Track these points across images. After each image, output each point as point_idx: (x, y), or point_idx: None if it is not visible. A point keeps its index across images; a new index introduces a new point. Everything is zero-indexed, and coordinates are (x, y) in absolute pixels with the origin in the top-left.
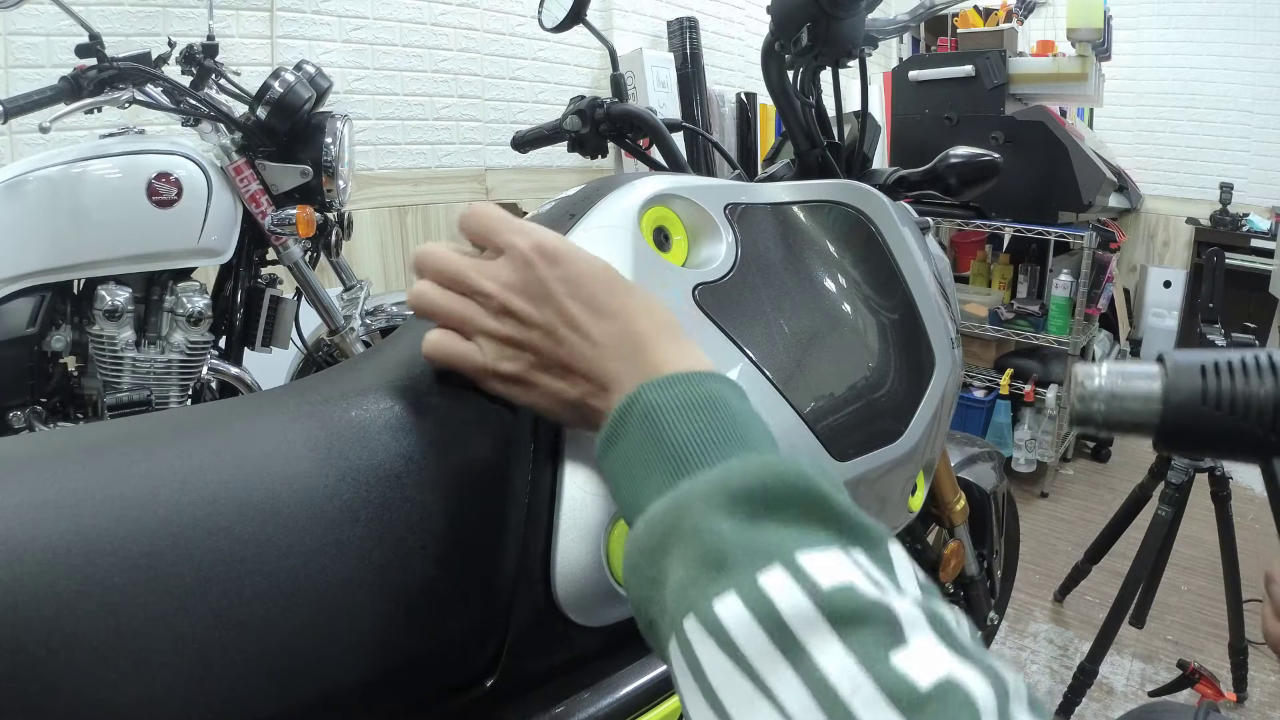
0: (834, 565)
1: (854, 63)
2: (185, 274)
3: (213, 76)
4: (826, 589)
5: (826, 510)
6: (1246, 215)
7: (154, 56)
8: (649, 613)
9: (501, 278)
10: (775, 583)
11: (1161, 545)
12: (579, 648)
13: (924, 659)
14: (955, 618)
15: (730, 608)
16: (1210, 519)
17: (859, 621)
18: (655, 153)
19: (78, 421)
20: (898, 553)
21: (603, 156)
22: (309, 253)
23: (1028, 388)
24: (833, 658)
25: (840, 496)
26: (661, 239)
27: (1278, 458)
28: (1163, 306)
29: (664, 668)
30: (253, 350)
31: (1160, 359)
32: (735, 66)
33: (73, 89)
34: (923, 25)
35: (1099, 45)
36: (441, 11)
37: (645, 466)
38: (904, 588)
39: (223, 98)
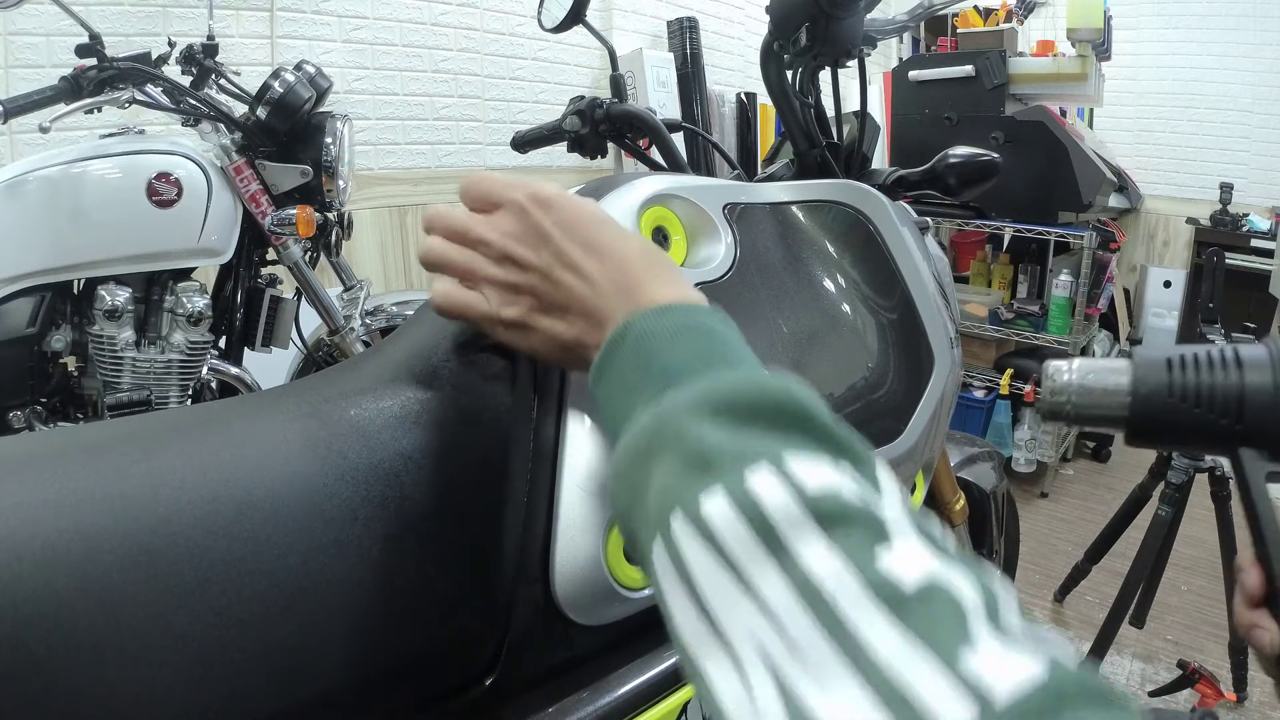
0: (821, 470)
1: (853, 63)
2: (185, 274)
3: (213, 76)
4: (813, 490)
5: (813, 425)
6: (1246, 215)
7: (154, 56)
8: (632, 523)
9: (501, 227)
10: (762, 482)
11: (1161, 545)
12: (579, 647)
13: (910, 560)
14: (942, 533)
15: (716, 505)
16: (1210, 519)
17: (845, 522)
18: (655, 153)
19: (78, 421)
20: (885, 473)
21: (602, 156)
22: (309, 253)
23: (1028, 388)
24: (818, 556)
25: (828, 415)
26: (660, 239)
27: (1245, 449)
28: (1163, 306)
29: (664, 666)
30: (253, 350)
31: (1129, 354)
32: (735, 66)
33: (73, 89)
34: (922, 25)
35: (1099, 45)
36: (441, 11)
37: (633, 387)
38: (885, 497)
39: (223, 98)
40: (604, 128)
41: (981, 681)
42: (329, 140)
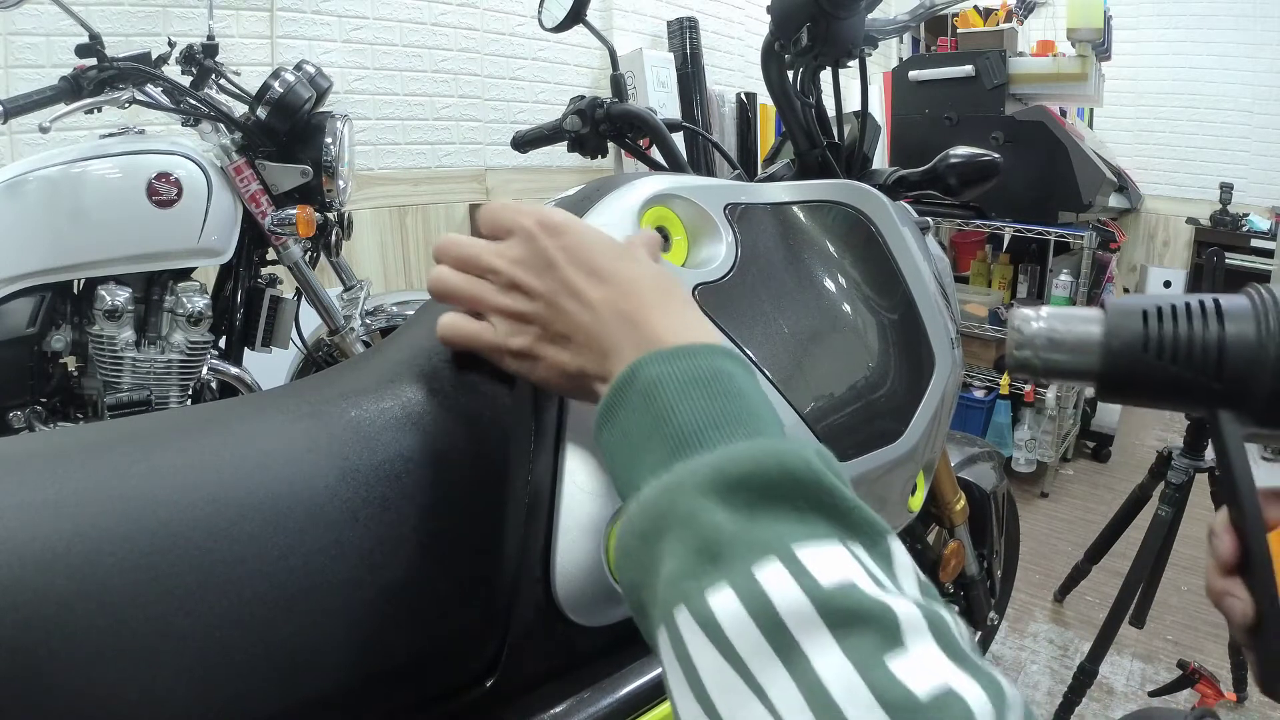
0: (833, 560)
1: (854, 63)
2: (185, 274)
3: (213, 76)
4: (826, 586)
5: (827, 501)
6: (1246, 215)
7: (154, 56)
8: (640, 597)
9: (509, 254)
10: (772, 577)
11: (1161, 545)
12: (579, 648)
13: (922, 666)
14: (955, 621)
15: (724, 601)
16: (1210, 519)
17: (857, 623)
18: (655, 153)
19: (78, 421)
20: (898, 549)
21: (603, 156)
22: (309, 253)
23: (1028, 388)
24: (828, 660)
25: (843, 487)
26: (661, 239)
27: (1223, 408)
28: None
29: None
30: (253, 350)
31: (1102, 304)
32: (735, 66)
33: (73, 89)
34: (923, 25)
35: (1099, 45)
36: (441, 11)
37: (643, 444)
38: (903, 587)
39: (223, 98)
40: (604, 128)
41: None
42: (329, 140)
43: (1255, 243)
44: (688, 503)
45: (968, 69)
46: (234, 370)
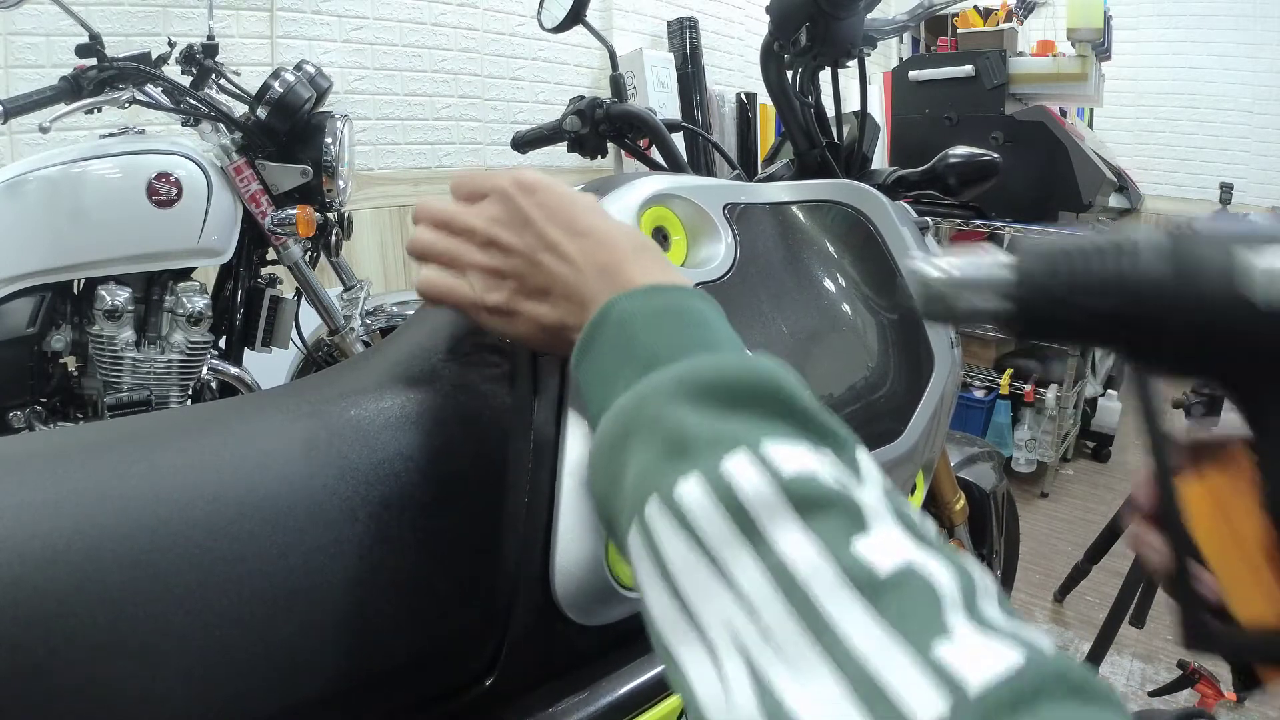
0: (799, 455)
1: (853, 63)
2: (185, 274)
3: (213, 76)
4: (789, 475)
5: (795, 409)
6: (1246, 215)
7: (154, 56)
8: (611, 508)
9: (486, 214)
10: (739, 466)
11: None
12: (579, 647)
13: (886, 545)
14: (922, 516)
15: (691, 490)
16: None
17: (822, 507)
18: (655, 153)
19: (78, 421)
20: (865, 458)
21: (602, 156)
22: (309, 253)
23: (1028, 388)
24: (792, 542)
25: (809, 398)
26: (660, 239)
27: (1138, 349)
28: None
29: (664, 667)
30: (253, 350)
31: (1014, 247)
32: (735, 66)
33: (73, 89)
34: (922, 25)
35: (1099, 45)
36: (441, 11)
37: (615, 370)
38: (865, 481)
39: (223, 98)
40: (604, 128)
41: (955, 671)
42: (329, 140)
43: None
44: (655, 406)
45: (968, 69)
46: (234, 370)
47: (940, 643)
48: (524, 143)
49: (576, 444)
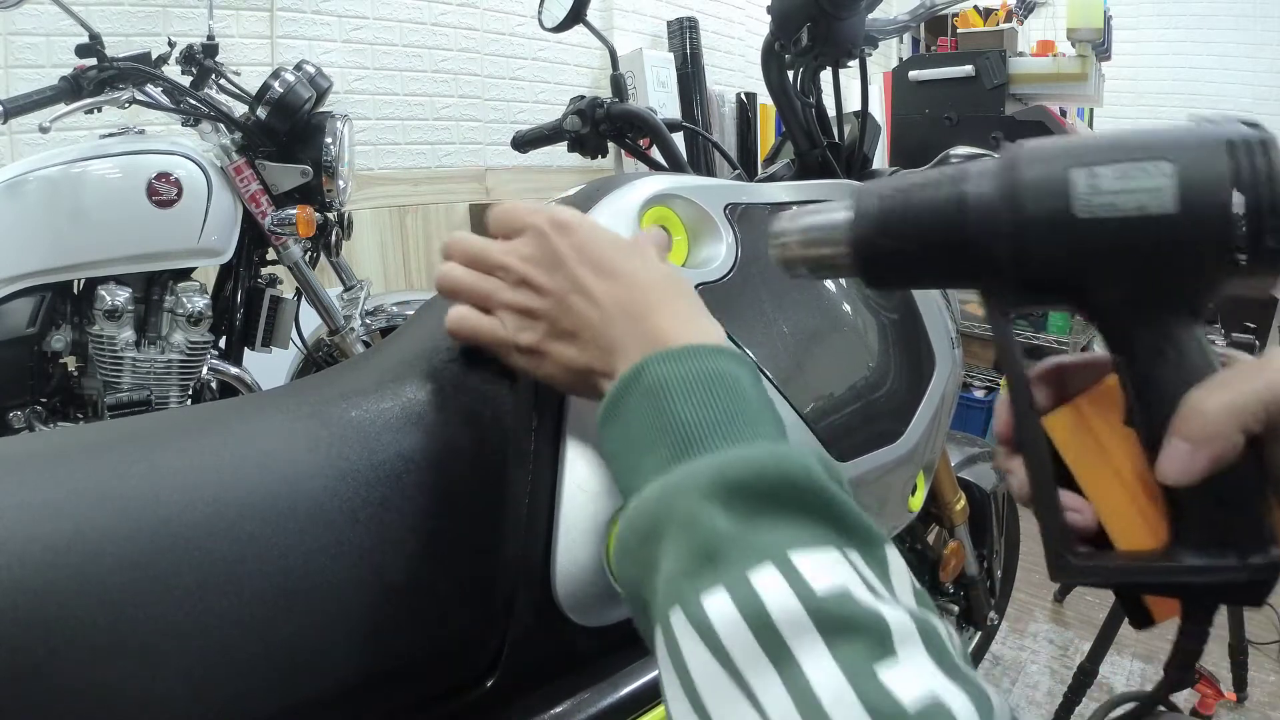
0: (828, 567)
1: (854, 63)
2: (185, 274)
3: (213, 76)
4: (820, 593)
5: (826, 508)
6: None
7: (154, 56)
8: (639, 596)
9: (520, 252)
10: (767, 582)
11: None
12: (579, 648)
13: (911, 675)
14: (948, 630)
15: (719, 605)
16: None
17: (849, 630)
18: (655, 153)
19: (78, 421)
20: (894, 556)
21: (603, 156)
22: (309, 253)
23: None
24: (819, 667)
25: (842, 494)
26: (668, 237)
27: (983, 280)
28: None
29: None
30: (253, 350)
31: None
32: (735, 66)
33: (73, 89)
34: (923, 25)
35: (1099, 45)
36: (441, 11)
37: (645, 443)
38: (898, 594)
39: (223, 98)
40: (604, 127)
41: None
42: (329, 140)
43: None
44: (688, 504)
45: (968, 69)
46: (234, 370)
47: None
48: (524, 143)
49: (578, 444)
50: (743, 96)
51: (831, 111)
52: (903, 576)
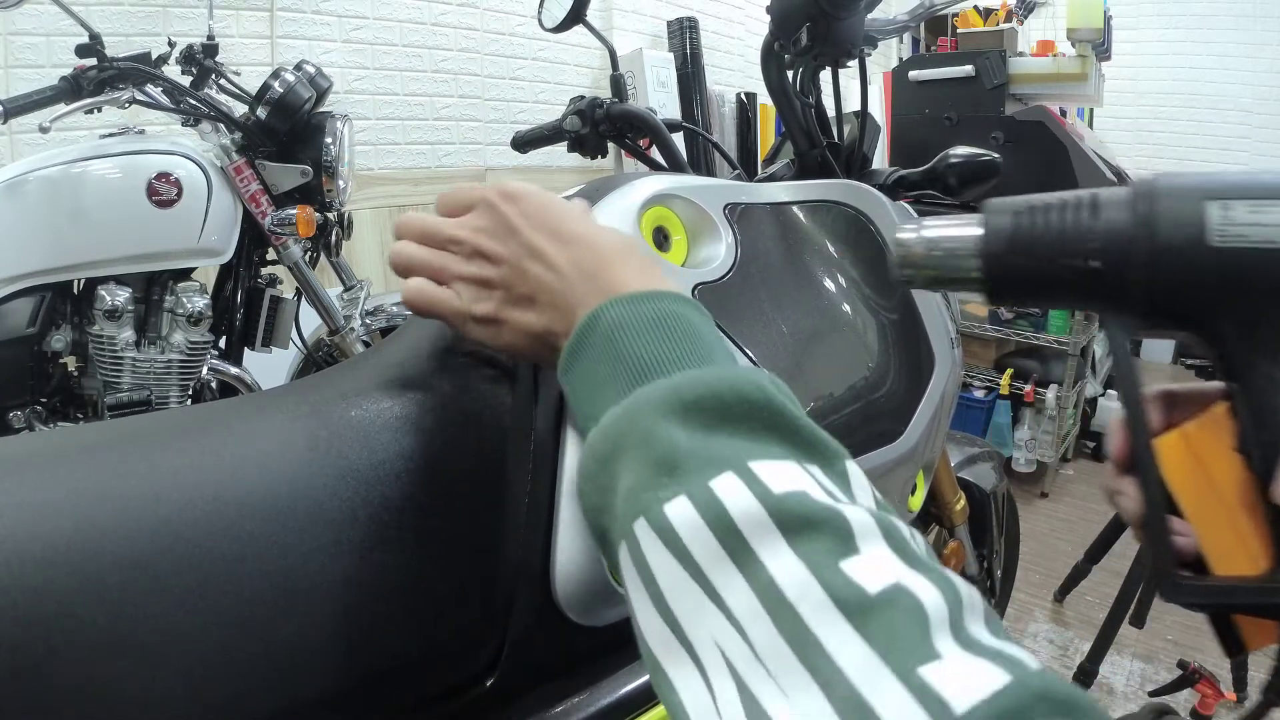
0: (787, 473)
1: (854, 63)
2: (185, 274)
3: (213, 76)
4: (778, 494)
5: (783, 424)
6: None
7: (154, 56)
8: (601, 522)
9: (471, 224)
10: (727, 487)
11: None
12: (579, 647)
13: (874, 566)
14: (911, 531)
15: (680, 510)
16: None
17: (810, 528)
18: (655, 153)
19: (78, 421)
20: (855, 470)
21: (602, 156)
22: (309, 253)
23: (1028, 388)
24: (781, 563)
25: (798, 412)
26: (661, 239)
27: (1107, 303)
28: None
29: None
30: (253, 350)
31: (983, 207)
32: (735, 66)
33: (73, 89)
34: (923, 25)
35: (1099, 45)
36: (441, 11)
37: (604, 380)
38: (859, 501)
39: (223, 98)
40: (604, 128)
41: (941, 692)
42: (329, 140)
43: None
44: (645, 423)
45: (968, 69)
46: (234, 370)
47: (927, 664)
48: (524, 143)
49: (577, 444)
50: (743, 96)
51: (831, 111)
52: (864, 488)
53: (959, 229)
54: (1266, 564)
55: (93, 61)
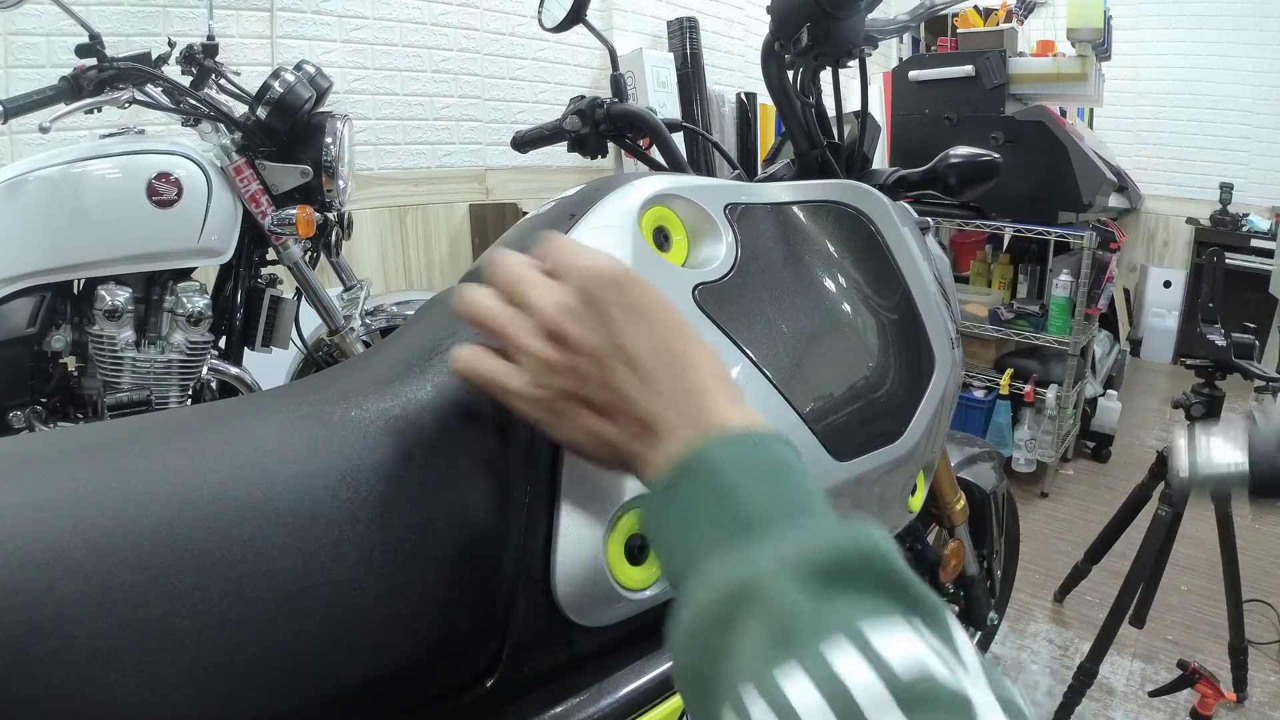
0: (901, 641)
1: (854, 63)
2: (185, 274)
3: (213, 76)
4: (901, 674)
5: (893, 580)
6: (1246, 215)
7: (154, 56)
8: (700, 676)
9: (558, 296)
10: (845, 661)
11: (1161, 545)
12: (579, 648)
13: None
14: (1026, 704)
15: (797, 685)
16: (1210, 519)
17: (934, 707)
18: (655, 153)
19: (78, 421)
20: (954, 623)
21: (603, 156)
22: (309, 253)
23: (1028, 388)
24: None
25: (905, 564)
26: (661, 239)
27: None
28: (1163, 306)
29: (664, 668)
30: (253, 350)
31: (1251, 421)
32: (735, 66)
33: (73, 89)
34: (923, 25)
35: (1099, 45)
36: (441, 11)
37: (704, 523)
38: (966, 663)
39: (223, 98)
40: (604, 127)
41: None
42: (329, 140)
43: (1255, 243)
44: (769, 586)
45: (968, 69)
46: (234, 370)
47: None
48: (524, 143)
49: None
50: (743, 96)
51: (831, 111)
52: (967, 644)
53: (1228, 466)
54: None
55: (93, 61)
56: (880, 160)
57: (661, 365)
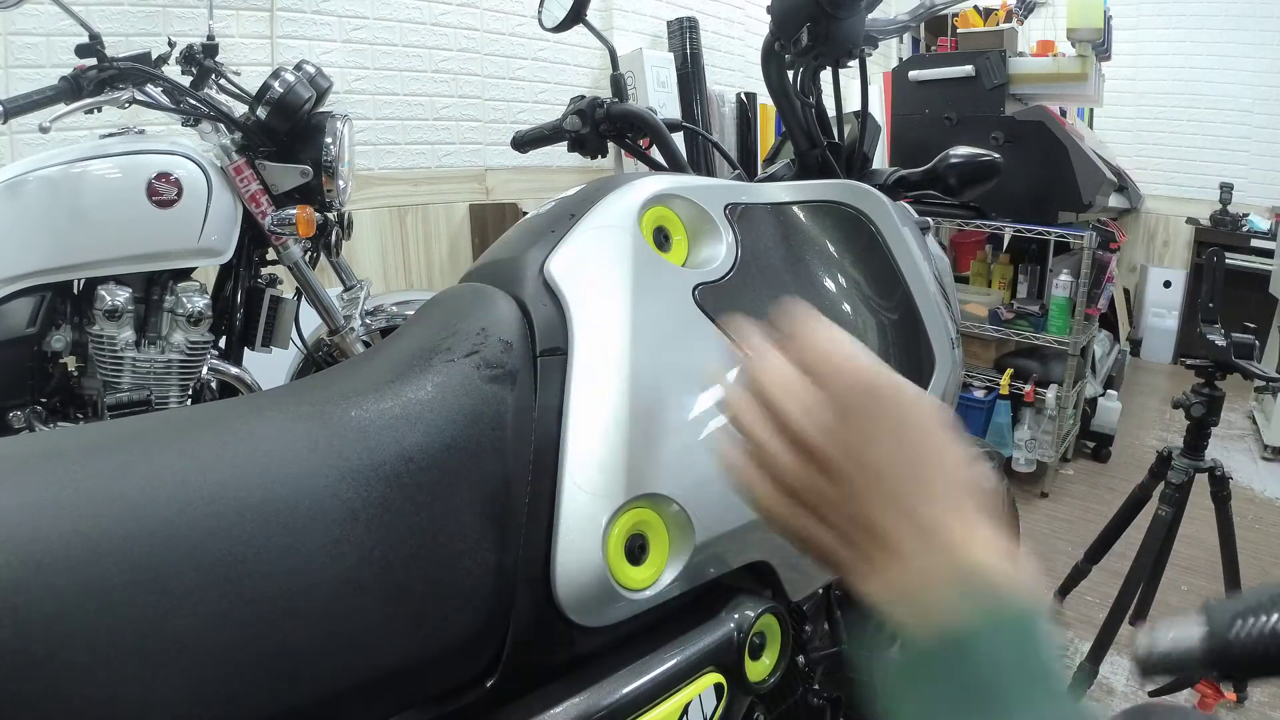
0: None
1: (854, 63)
2: (185, 274)
3: (213, 76)
4: None
5: None
6: (1246, 215)
7: (154, 56)
8: None
9: (810, 404)
10: None
11: (1161, 545)
12: (579, 648)
13: None
14: None
15: None
16: (1210, 519)
17: None
18: (655, 153)
19: (78, 421)
20: None
21: (603, 156)
22: (309, 253)
23: (1028, 388)
24: None
25: None
26: (661, 239)
27: None
28: (1163, 306)
29: (665, 667)
30: (253, 350)
31: (1203, 609)
32: (735, 66)
33: (73, 89)
34: (923, 25)
35: (1099, 45)
36: (441, 11)
37: (948, 700)
38: None
39: (223, 98)
40: (604, 127)
41: None
42: (329, 140)
43: (1255, 243)
44: None
45: (968, 69)
46: (234, 370)
47: None
48: (524, 143)
49: (578, 444)
50: (743, 96)
51: (831, 111)
52: None
53: (1185, 647)
54: None
55: (93, 61)
56: (880, 160)
57: (907, 482)
